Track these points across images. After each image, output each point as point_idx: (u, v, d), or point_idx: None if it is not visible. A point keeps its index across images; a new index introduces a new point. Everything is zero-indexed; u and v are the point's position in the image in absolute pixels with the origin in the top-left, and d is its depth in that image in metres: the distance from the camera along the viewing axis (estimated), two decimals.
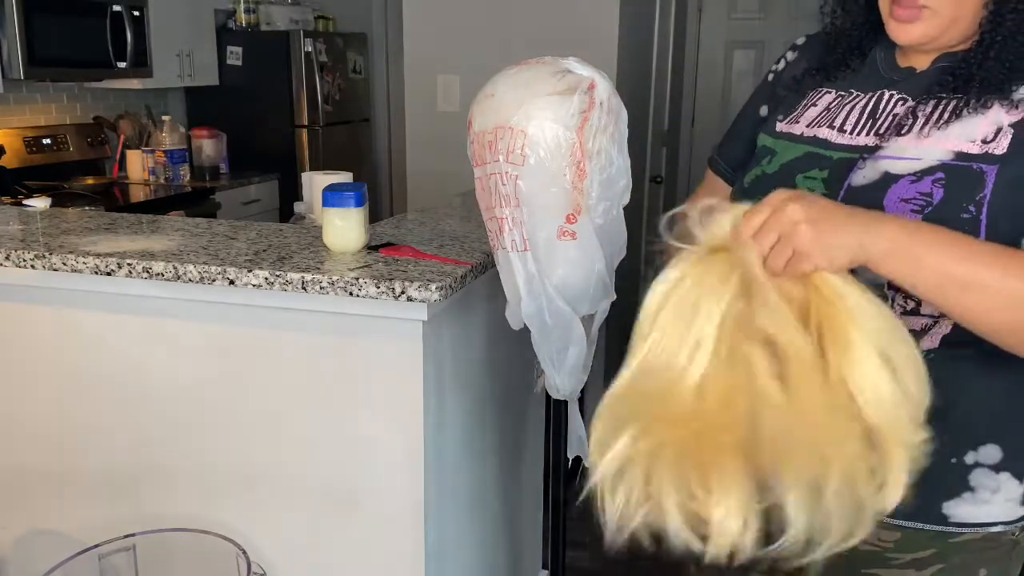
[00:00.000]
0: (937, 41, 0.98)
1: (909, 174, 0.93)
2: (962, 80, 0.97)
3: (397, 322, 1.42)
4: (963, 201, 0.90)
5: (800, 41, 1.20)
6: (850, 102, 1.05)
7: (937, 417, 0.83)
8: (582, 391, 1.42)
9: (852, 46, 1.09)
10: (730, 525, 0.80)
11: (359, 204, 1.50)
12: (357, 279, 1.35)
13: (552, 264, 1.21)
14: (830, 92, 1.08)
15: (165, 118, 4.18)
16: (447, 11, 3.09)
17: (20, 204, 2.84)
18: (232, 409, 1.57)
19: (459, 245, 1.58)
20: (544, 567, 2.24)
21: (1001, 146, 0.91)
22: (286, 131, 4.57)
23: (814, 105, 1.08)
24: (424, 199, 3.04)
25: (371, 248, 1.53)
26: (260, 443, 1.57)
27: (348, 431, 1.52)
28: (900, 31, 0.98)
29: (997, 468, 0.97)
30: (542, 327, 1.25)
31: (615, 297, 1.28)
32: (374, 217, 1.73)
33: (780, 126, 1.10)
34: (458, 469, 1.68)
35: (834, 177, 0.99)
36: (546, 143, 1.14)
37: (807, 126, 1.07)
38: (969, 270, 0.82)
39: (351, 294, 1.36)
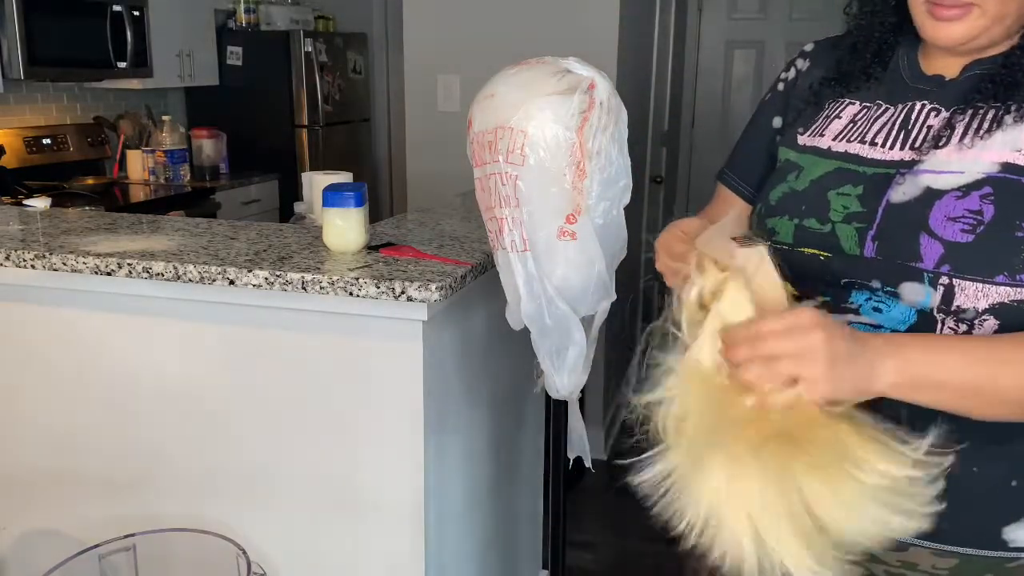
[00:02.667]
0: (976, 41, 0.92)
1: (953, 189, 0.88)
2: (1003, 87, 0.92)
3: (397, 322, 1.42)
4: (1016, 218, 0.85)
5: (809, 48, 1.14)
6: (879, 115, 1.00)
7: (995, 441, 0.82)
8: (582, 391, 1.42)
9: (872, 51, 1.03)
10: None
11: (359, 204, 1.50)
12: (357, 279, 1.35)
13: (552, 264, 1.21)
14: (853, 103, 1.03)
15: (165, 118, 4.18)
16: (447, 11, 3.09)
17: (20, 204, 2.84)
18: (232, 409, 1.57)
19: (459, 245, 1.58)
20: (544, 567, 2.24)
21: None
22: (286, 131, 4.57)
23: (837, 117, 1.03)
24: (424, 199, 3.04)
25: (371, 248, 1.53)
26: (260, 443, 1.57)
27: (348, 431, 1.52)
28: (941, 31, 0.92)
29: None
30: (542, 327, 1.25)
31: (615, 297, 1.28)
32: (374, 217, 1.73)
33: (803, 139, 1.05)
34: (458, 469, 1.68)
35: (870, 193, 0.94)
36: (546, 143, 1.14)
37: (834, 139, 1.01)
38: (984, 380, 0.81)
39: (351, 294, 1.36)
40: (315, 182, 1.88)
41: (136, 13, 3.82)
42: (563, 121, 1.14)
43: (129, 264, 1.45)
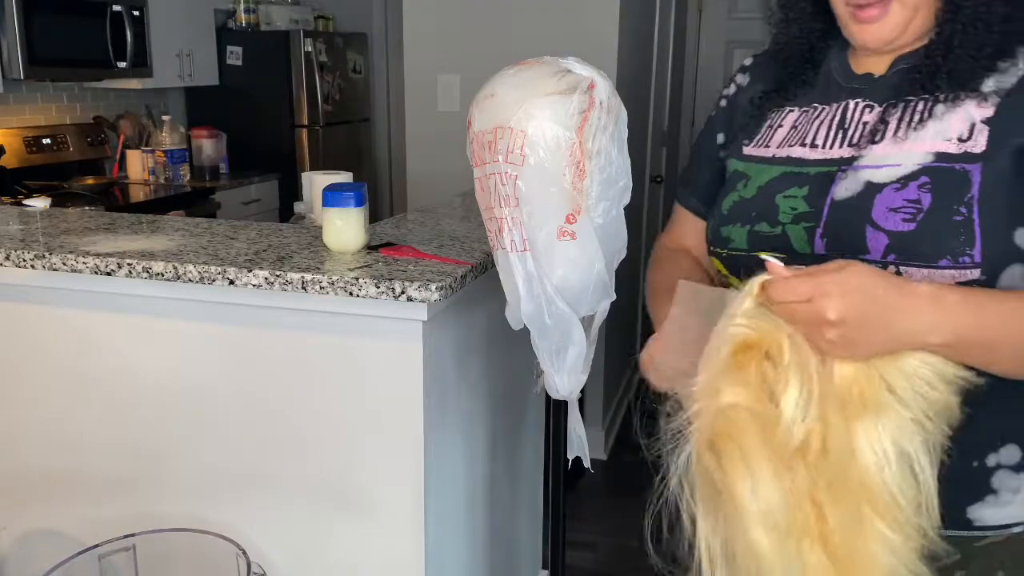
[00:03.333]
0: (902, 38, 0.97)
1: (892, 182, 0.92)
2: (929, 77, 0.95)
3: (397, 322, 1.42)
4: (953, 204, 0.89)
5: (748, 62, 1.18)
6: (816, 117, 1.04)
7: (956, 426, 0.83)
8: (582, 391, 1.41)
9: (804, 59, 1.08)
10: None
11: (359, 204, 1.50)
12: (357, 279, 1.35)
13: (552, 264, 1.20)
14: (793, 110, 1.07)
15: (165, 118, 4.18)
16: (447, 11, 3.09)
17: (20, 204, 2.84)
18: (232, 409, 1.57)
19: (459, 245, 1.58)
20: (544, 567, 2.24)
21: (979, 144, 0.90)
22: (286, 131, 4.57)
23: (780, 126, 1.07)
24: (424, 199, 3.04)
25: (371, 248, 1.53)
26: (260, 443, 1.57)
27: (348, 431, 1.52)
28: (868, 33, 0.97)
29: (1018, 468, 0.97)
30: (542, 327, 1.25)
31: (615, 297, 1.28)
32: (374, 217, 1.73)
33: (748, 150, 1.09)
34: (458, 469, 1.68)
35: (815, 193, 0.98)
36: (546, 143, 1.14)
37: (778, 147, 1.05)
38: (1013, 335, 0.83)
39: (351, 294, 1.36)
40: (315, 182, 1.88)
41: (136, 13, 3.82)
42: (563, 121, 1.14)
43: (129, 264, 1.45)
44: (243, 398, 1.56)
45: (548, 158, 1.14)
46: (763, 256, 0.86)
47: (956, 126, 0.92)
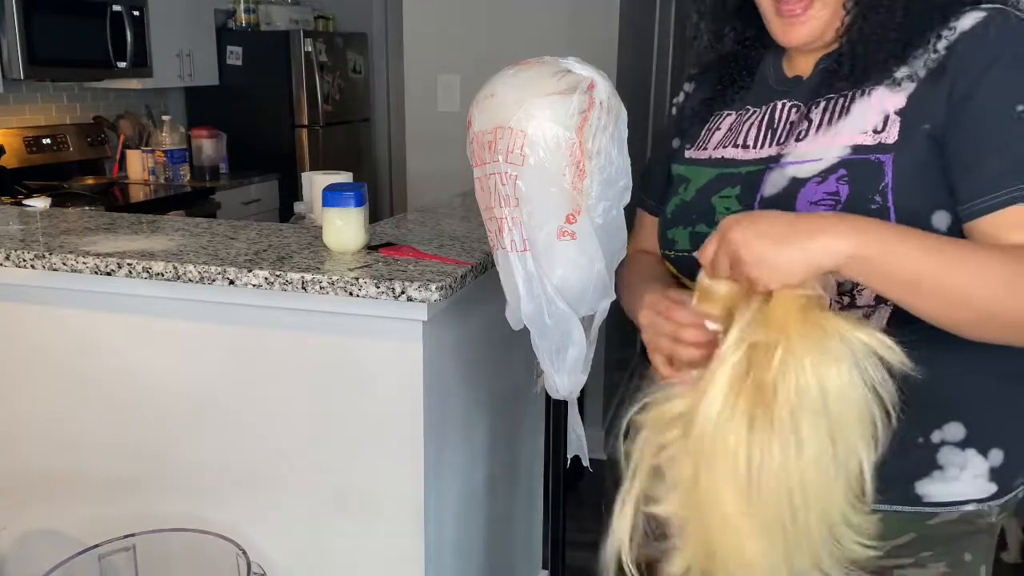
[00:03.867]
0: (822, 37, 1.00)
1: (814, 176, 0.96)
2: (842, 75, 0.99)
3: (397, 322, 1.42)
4: (868, 193, 0.92)
5: (695, 70, 1.22)
6: (748, 119, 1.08)
7: (902, 399, 0.84)
8: (582, 391, 1.41)
9: (740, 66, 1.12)
10: None
11: (359, 204, 1.50)
12: (357, 279, 1.35)
13: (552, 264, 1.20)
14: (730, 114, 1.11)
15: (165, 118, 4.18)
16: (447, 11, 3.09)
17: (20, 204, 2.84)
18: (232, 409, 1.57)
19: (459, 245, 1.58)
20: (544, 567, 2.24)
21: (891, 135, 0.93)
22: (286, 131, 4.57)
23: (718, 129, 1.11)
24: (424, 199, 3.04)
25: (371, 248, 1.53)
26: (260, 443, 1.57)
27: (348, 431, 1.52)
28: (791, 32, 1.00)
29: (962, 445, 0.98)
30: (542, 327, 1.25)
31: (615, 297, 1.28)
32: (374, 217, 1.73)
33: (689, 153, 1.14)
34: (458, 469, 1.68)
35: (746, 191, 1.02)
36: (546, 143, 1.14)
37: (714, 149, 1.10)
38: (935, 270, 0.83)
39: (351, 294, 1.36)
40: (315, 182, 1.88)
41: (136, 13, 3.82)
42: (563, 121, 1.14)
43: (129, 264, 1.45)
44: (243, 398, 1.56)
45: (548, 158, 1.14)
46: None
47: (871, 119, 0.95)
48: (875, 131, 0.95)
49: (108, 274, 1.47)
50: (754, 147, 1.05)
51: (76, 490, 1.70)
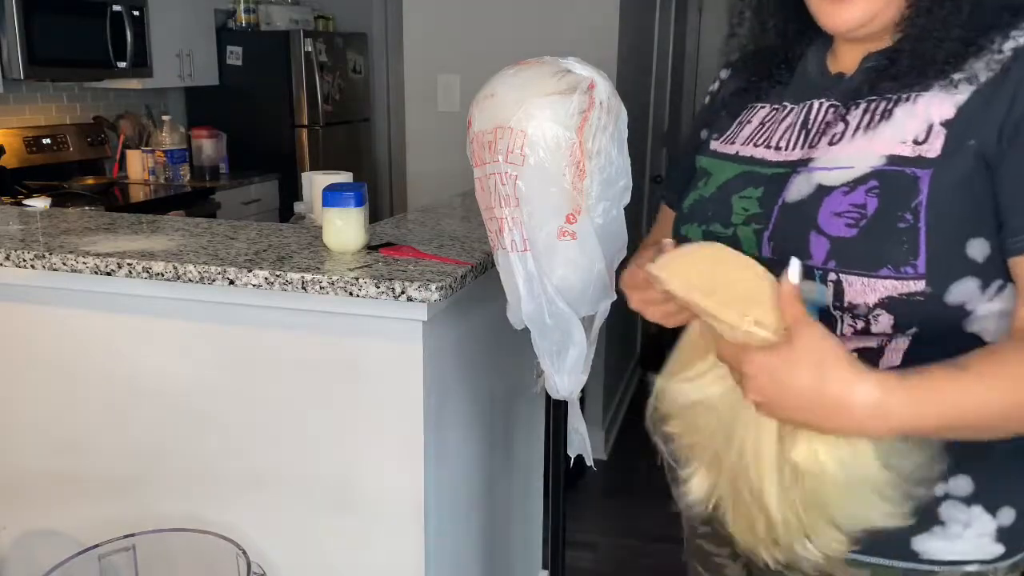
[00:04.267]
0: (870, 26, 0.91)
1: (842, 185, 0.88)
2: (891, 74, 0.90)
3: (397, 322, 1.42)
4: (898, 210, 0.84)
5: (734, 58, 1.15)
6: (784, 117, 1.01)
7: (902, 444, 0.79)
8: (582, 391, 1.42)
9: (779, 59, 1.05)
10: None
11: (359, 204, 1.50)
12: (357, 279, 1.35)
13: (552, 264, 1.20)
14: (764, 107, 1.05)
15: (165, 118, 4.18)
16: (447, 11, 3.09)
17: (20, 204, 2.84)
18: (232, 409, 1.57)
19: (459, 245, 1.58)
20: (544, 567, 2.24)
21: (934, 148, 0.85)
22: (286, 131, 4.57)
23: (749, 122, 1.05)
24: (424, 199, 3.04)
25: (371, 248, 1.53)
26: (260, 443, 1.57)
27: (348, 431, 1.52)
28: (837, 15, 0.91)
29: (968, 501, 0.91)
30: (542, 327, 1.25)
31: (615, 297, 1.28)
32: (374, 217, 1.73)
33: (715, 145, 1.07)
34: (458, 469, 1.68)
35: (769, 195, 0.95)
36: (546, 143, 1.14)
37: (742, 144, 1.03)
38: (967, 418, 0.77)
39: (351, 294, 1.36)
40: (315, 182, 1.88)
41: (136, 13, 3.82)
42: (563, 121, 1.14)
43: (129, 264, 1.45)
44: (243, 398, 1.56)
45: (548, 158, 1.14)
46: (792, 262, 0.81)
47: (912, 127, 0.87)
48: (916, 142, 0.86)
49: (108, 274, 1.47)
50: (785, 149, 0.97)
51: (76, 490, 1.70)
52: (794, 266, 0.78)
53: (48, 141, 3.79)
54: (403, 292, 1.33)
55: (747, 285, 0.81)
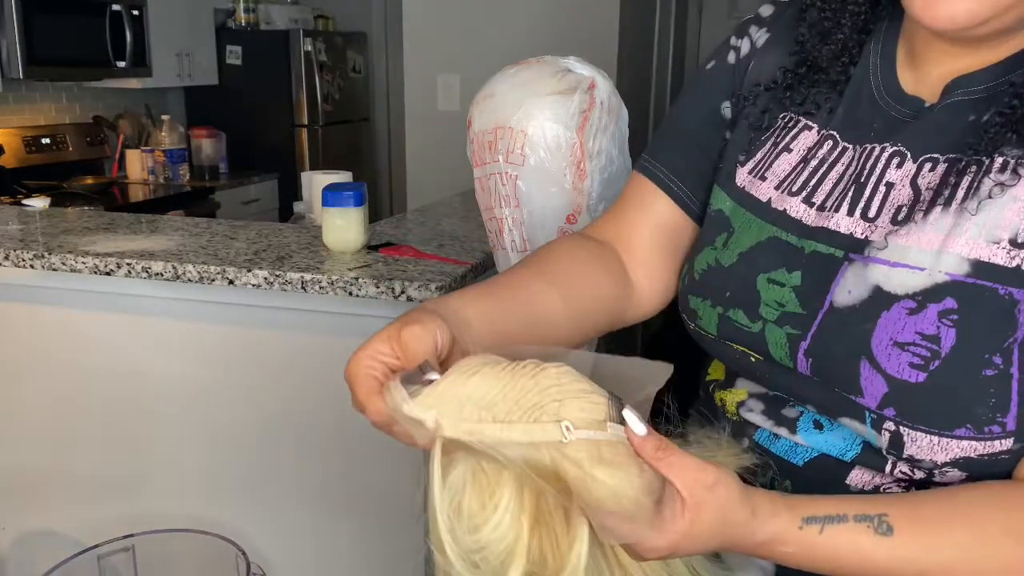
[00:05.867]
0: (983, 27, 0.60)
1: (907, 297, 0.62)
2: (996, 125, 0.62)
3: None
4: (985, 351, 0.60)
5: (767, 12, 0.80)
6: (834, 157, 0.71)
7: None
8: None
9: (837, 51, 0.73)
10: None
11: (359, 204, 1.50)
12: (357, 279, 1.35)
13: None
14: (809, 128, 0.74)
15: (164, 118, 4.18)
16: (447, 11, 3.09)
17: (19, 204, 2.84)
18: (232, 409, 1.57)
19: (459, 245, 1.58)
20: None
21: None
22: (286, 131, 4.57)
23: (787, 150, 0.74)
24: (424, 199, 3.04)
25: (371, 248, 1.53)
26: (260, 443, 1.57)
27: (348, 431, 1.52)
28: (939, 6, 0.59)
29: None
30: None
31: None
32: (374, 217, 1.73)
33: (742, 177, 0.76)
34: None
35: (810, 287, 0.68)
36: (546, 143, 1.14)
37: (776, 188, 0.74)
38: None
39: (351, 294, 1.35)
40: (315, 182, 1.88)
41: (135, 12, 3.82)
42: (563, 121, 1.14)
43: (128, 264, 1.45)
44: (243, 398, 1.56)
45: (548, 158, 1.14)
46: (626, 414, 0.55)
47: (1010, 218, 0.60)
48: (1014, 243, 0.60)
49: (107, 274, 1.47)
50: (830, 209, 0.69)
51: (75, 490, 1.70)
52: (632, 421, 0.55)
53: (47, 141, 3.78)
54: (403, 292, 1.33)
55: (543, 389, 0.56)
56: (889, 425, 0.63)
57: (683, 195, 0.82)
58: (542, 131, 1.14)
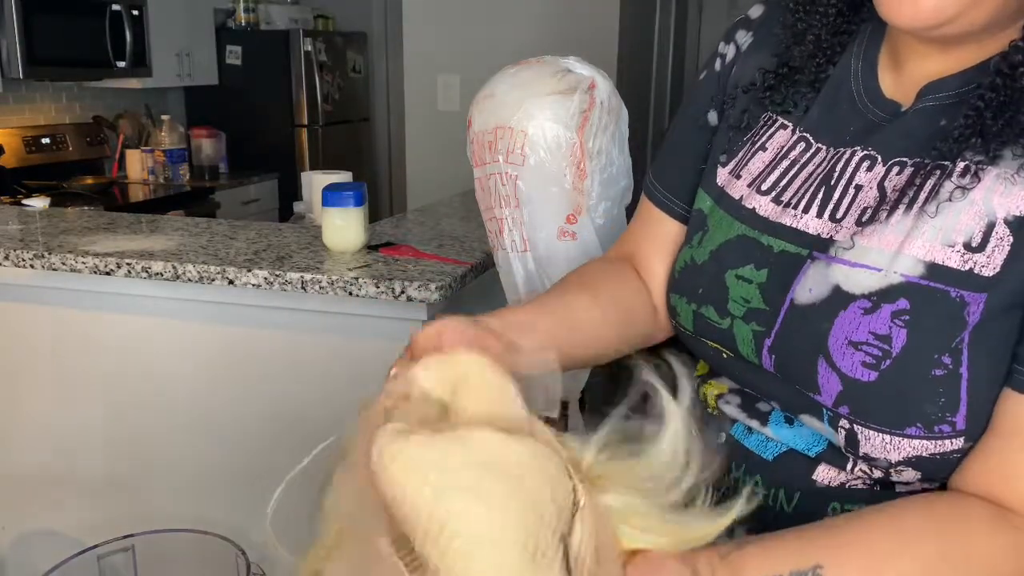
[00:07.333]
0: (948, 27, 0.60)
1: (862, 296, 0.63)
2: (960, 128, 0.62)
3: (397, 322, 1.42)
4: (934, 351, 0.60)
5: (755, 13, 0.81)
6: (807, 158, 0.72)
7: None
8: (582, 391, 1.41)
9: (811, 51, 0.73)
10: None
11: (359, 204, 1.50)
12: (357, 279, 1.35)
13: (552, 265, 1.20)
14: (785, 127, 0.75)
15: (164, 118, 4.18)
16: (447, 11, 3.09)
17: (19, 204, 2.84)
18: (232, 409, 1.57)
19: (459, 245, 1.58)
20: None
21: (994, 260, 0.60)
22: (286, 131, 4.57)
23: (763, 149, 0.75)
24: (424, 199, 3.04)
25: (371, 248, 1.53)
26: (260, 443, 1.57)
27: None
28: (898, 1, 0.60)
29: None
30: None
31: None
32: (374, 217, 1.73)
33: (722, 176, 0.78)
34: None
35: (774, 284, 0.69)
36: (546, 143, 1.14)
37: (748, 186, 0.74)
38: None
39: (351, 294, 1.35)
40: (315, 182, 1.88)
41: (135, 12, 3.82)
42: (563, 121, 1.14)
43: (128, 264, 1.45)
44: (243, 398, 1.56)
45: (548, 158, 1.14)
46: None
47: (966, 223, 0.61)
48: (968, 246, 0.61)
49: (107, 274, 1.47)
50: (798, 208, 0.70)
51: (75, 490, 1.70)
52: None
53: (47, 141, 3.79)
54: (403, 292, 1.33)
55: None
56: (844, 423, 0.64)
57: (684, 212, 0.84)
58: (542, 131, 1.14)
